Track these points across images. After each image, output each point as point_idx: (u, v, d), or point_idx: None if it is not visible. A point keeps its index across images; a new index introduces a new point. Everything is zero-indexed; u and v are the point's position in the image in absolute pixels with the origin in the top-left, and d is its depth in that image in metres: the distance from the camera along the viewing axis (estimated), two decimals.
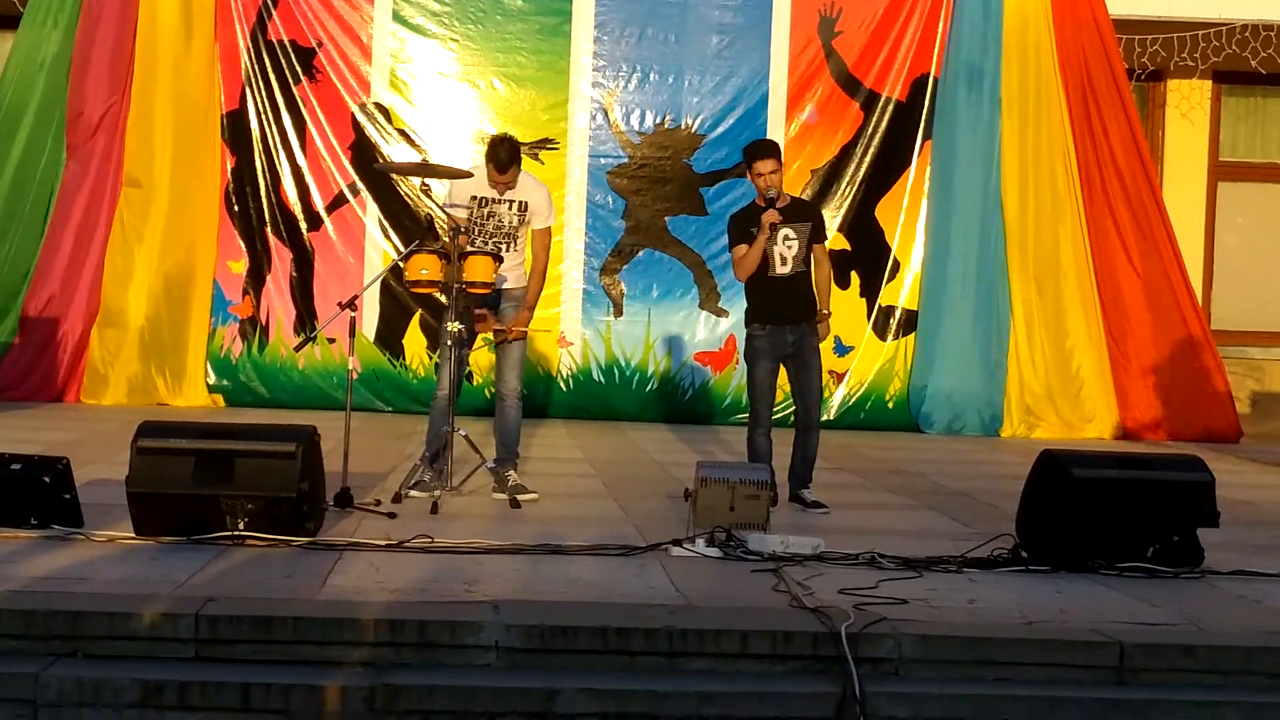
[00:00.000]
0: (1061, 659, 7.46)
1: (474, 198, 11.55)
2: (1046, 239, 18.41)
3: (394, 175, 17.85)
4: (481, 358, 16.06)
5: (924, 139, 18.58)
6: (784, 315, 11.67)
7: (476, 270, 11.13)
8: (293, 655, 7.19)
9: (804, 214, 11.84)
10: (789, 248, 11.62)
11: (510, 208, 11.65)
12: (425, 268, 11.20)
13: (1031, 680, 7.39)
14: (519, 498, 11.22)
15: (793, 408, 11.99)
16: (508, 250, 11.65)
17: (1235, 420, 18.78)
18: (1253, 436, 18.97)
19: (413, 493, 11.16)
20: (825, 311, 11.79)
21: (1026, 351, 18.32)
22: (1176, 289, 18.55)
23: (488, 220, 11.55)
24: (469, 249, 11.34)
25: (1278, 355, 20.92)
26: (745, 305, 11.95)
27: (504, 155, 11.50)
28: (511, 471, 11.63)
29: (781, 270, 11.65)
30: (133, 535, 9.08)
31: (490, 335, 11.78)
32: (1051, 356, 18.34)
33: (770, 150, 11.87)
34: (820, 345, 11.78)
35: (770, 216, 11.51)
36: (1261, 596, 8.72)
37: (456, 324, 11.18)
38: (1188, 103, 20.95)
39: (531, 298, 11.84)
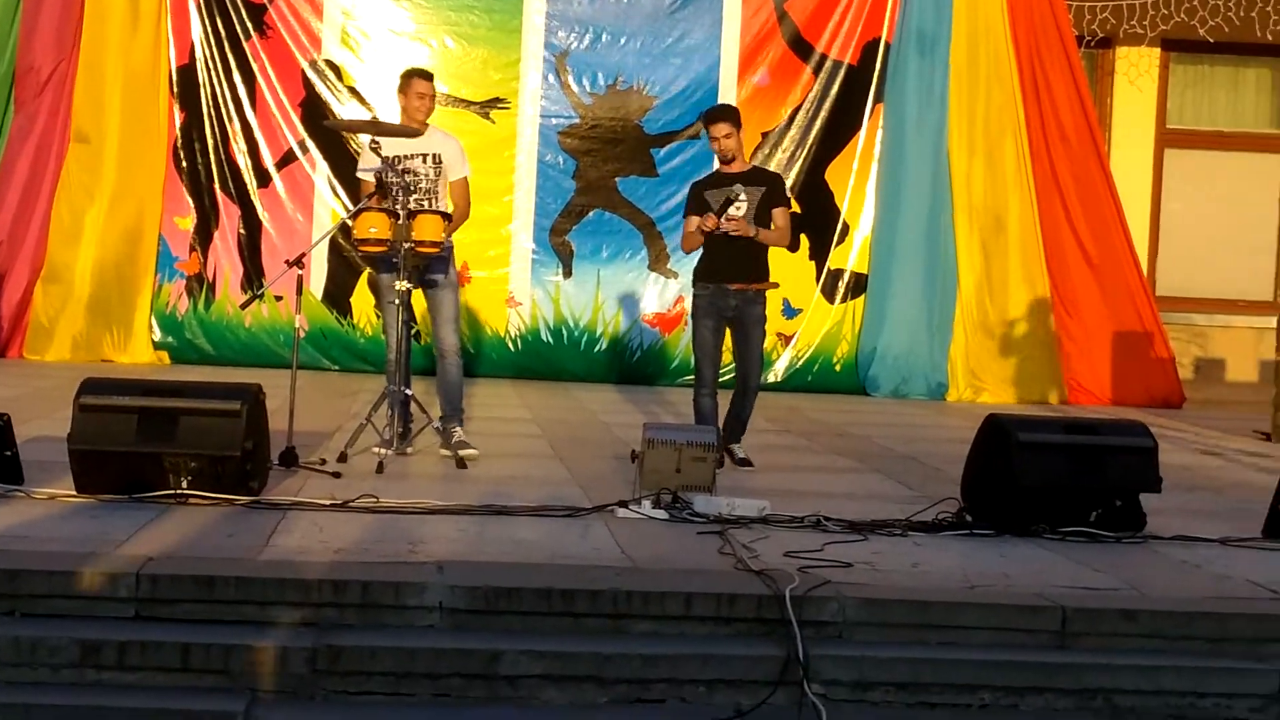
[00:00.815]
0: (1004, 623, 7.48)
1: (386, 159, 11.42)
2: (994, 205, 18.45)
3: (344, 133, 17.77)
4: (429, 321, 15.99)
5: (875, 103, 18.59)
6: (726, 274, 11.67)
7: (426, 229, 11.08)
8: (234, 615, 7.16)
9: (759, 179, 11.83)
10: (737, 209, 11.61)
11: (425, 161, 11.63)
12: (374, 226, 11.15)
13: (974, 644, 7.41)
14: (461, 454, 11.21)
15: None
16: (432, 206, 11.61)
17: (1179, 386, 18.88)
18: (1196, 402, 19.07)
19: (381, 451, 11.02)
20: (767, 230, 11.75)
21: (973, 316, 18.37)
22: (1122, 255, 18.62)
23: (404, 177, 11.45)
24: (420, 208, 11.30)
25: (1221, 322, 21.02)
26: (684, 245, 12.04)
27: (426, 73, 11.85)
28: (457, 428, 11.63)
29: (725, 225, 11.62)
30: (74, 493, 9.02)
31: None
32: (998, 322, 18.39)
33: (724, 114, 11.88)
34: (764, 312, 11.82)
35: (709, 223, 11.57)
36: (1202, 561, 8.77)
37: (404, 283, 11.14)
38: (1136, 70, 20.99)
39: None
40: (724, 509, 9.31)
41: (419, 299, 12.05)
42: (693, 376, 12.03)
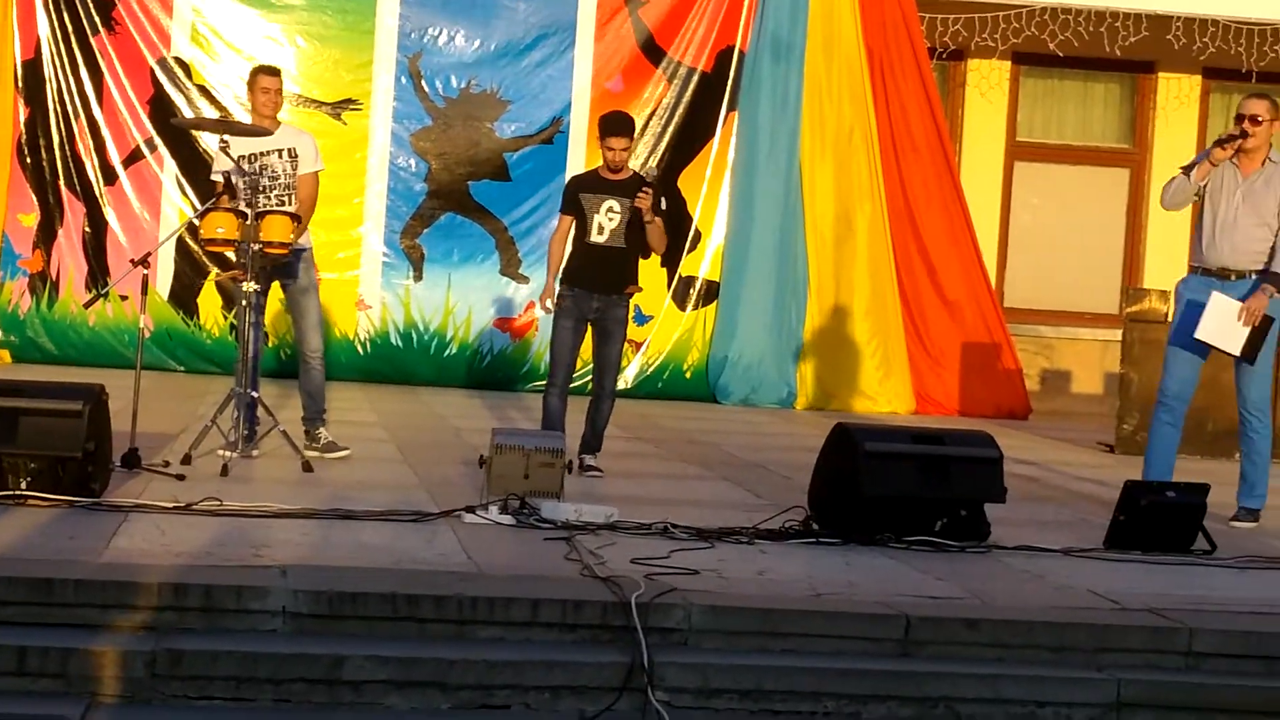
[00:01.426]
0: (849, 631, 7.50)
1: (241, 158, 11.33)
2: (846, 215, 18.57)
3: (193, 132, 17.59)
4: (280, 322, 15.91)
5: (728, 111, 18.65)
6: (591, 281, 11.70)
7: (274, 230, 10.98)
8: (73, 618, 7.04)
9: (635, 190, 11.80)
10: (609, 219, 11.66)
11: (280, 156, 11.58)
12: (221, 226, 11.04)
13: (819, 651, 7.42)
14: (330, 455, 11.29)
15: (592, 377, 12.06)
16: (291, 203, 11.56)
17: (1026, 397, 19.09)
18: (1042, 414, 19.28)
19: (226, 453, 10.92)
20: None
21: (823, 325, 18.47)
22: (971, 267, 18.80)
23: (261, 174, 11.37)
24: (269, 209, 11.22)
25: (1068, 334, 21.26)
26: (545, 271, 12.05)
27: (272, 69, 11.85)
28: (322, 429, 11.70)
29: (597, 239, 11.69)
30: None
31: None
32: (848, 331, 18.50)
33: (624, 128, 11.97)
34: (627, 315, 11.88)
35: (546, 295, 11.78)
36: (1044, 571, 8.84)
37: (252, 284, 11.04)
38: (987, 82, 21.21)
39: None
40: (571, 515, 9.29)
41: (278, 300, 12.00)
42: (544, 382, 12.03)
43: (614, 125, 11.91)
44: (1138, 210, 21.45)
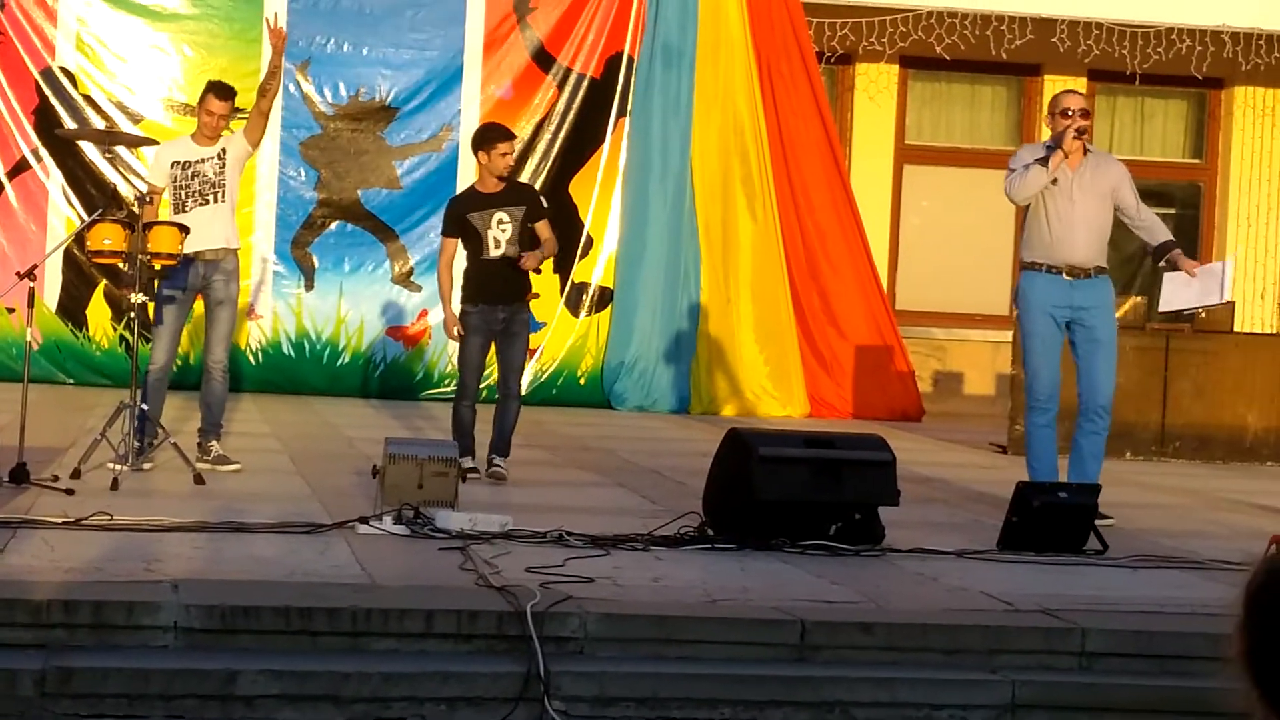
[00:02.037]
0: (744, 637, 7.52)
1: (175, 163, 11.39)
2: (737, 219, 18.61)
3: (78, 143, 17.42)
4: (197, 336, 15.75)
5: (618, 116, 18.66)
6: (496, 295, 11.80)
7: (162, 241, 10.93)
8: None
9: (517, 198, 11.91)
10: (502, 231, 11.70)
11: (212, 163, 11.57)
12: (108, 237, 10.98)
13: (714, 658, 7.43)
14: (221, 468, 11.27)
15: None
16: (216, 201, 11.53)
17: (918, 399, 19.20)
18: (935, 415, 19.38)
19: (117, 466, 10.82)
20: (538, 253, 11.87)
21: (716, 330, 18.51)
22: (862, 269, 18.90)
23: (192, 180, 11.44)
24: (156, 220, 11.20)
25: (960, 336, 21.40)
26: (436, 281, 12.06)
27: (226, 89, 11.86)
28: (215, 442, 11.67)
29: (495, 253, 11.74)
30: None
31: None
32: (741, 336, 18.54)
33: (509, 133, 12.26)
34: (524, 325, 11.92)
35: (451, 324, 11.82)
36: (938, 574, 8.89)
37: (140, 295, 10.96)
38: (875, 86, 21.32)
39: None
40: (466, 524, 9.26)
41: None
42: (439, 390, 12.08)
43: (500, 131, 12.12)
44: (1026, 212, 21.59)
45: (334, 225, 18.36)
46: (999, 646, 7.67)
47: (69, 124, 17.50)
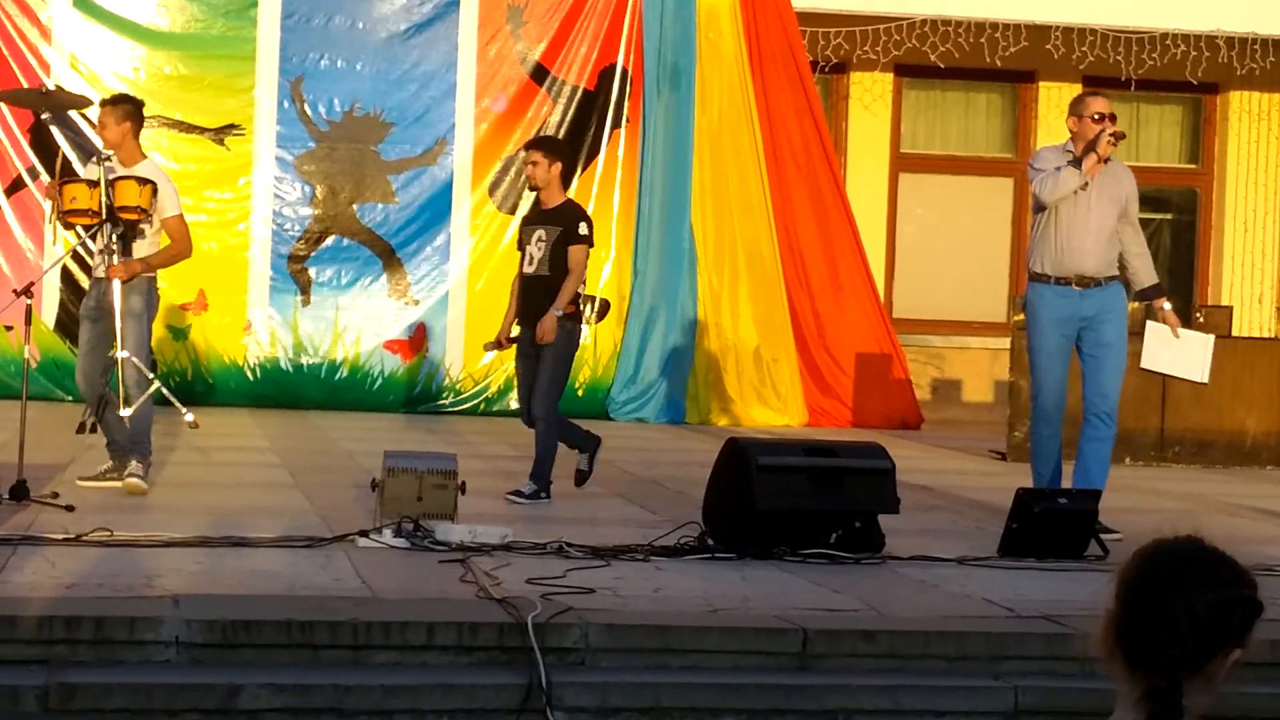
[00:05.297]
0: (746, 646, 7.51)
1: (100, 163, 11.25)
2: (734, 230, 18.61)
3: (72, 159, 17.37)
4: (166, 348, 15.75)
5: (614, 128, 18.66)
6: (523, 314, 11.71)
7: (127, 195, 10.96)
8: None
9: (557, 218, 11.75)
10: (538, 248, 11.64)
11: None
12: (75, 196, 11.03)
13: (716, 667, 7.43)
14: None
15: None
16: (139, 239, 11.28)
17: (916, 407, 19.19)
18: (933, 423, 19.38)
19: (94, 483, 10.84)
20: (555, 312, 11.60)
21: (713, 340, 18.50)
22: (859, 278, 18.90)
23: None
24: (120, 175, 11.11)
25: (957, 343, 21.39)
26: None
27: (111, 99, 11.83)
28: (135, 462, 11.14)
29: (527, 270, 11.67)
30: None
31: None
32: (739, 346, 18.54)
33: (539, 142, 12.37)
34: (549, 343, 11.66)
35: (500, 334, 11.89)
36: (939, 581, 8.89)
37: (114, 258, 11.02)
38: (870, 95, 21.33)
39: (156, 261, 11.46)
40: (465, 537, 9.26)
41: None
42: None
43: (531, 140, 12.18)
44: (1023, 218, 21.58)
45: (330, 240, 18.35)
46: (1001, 653, 7.67)
47: (64, 144, 17.46)
